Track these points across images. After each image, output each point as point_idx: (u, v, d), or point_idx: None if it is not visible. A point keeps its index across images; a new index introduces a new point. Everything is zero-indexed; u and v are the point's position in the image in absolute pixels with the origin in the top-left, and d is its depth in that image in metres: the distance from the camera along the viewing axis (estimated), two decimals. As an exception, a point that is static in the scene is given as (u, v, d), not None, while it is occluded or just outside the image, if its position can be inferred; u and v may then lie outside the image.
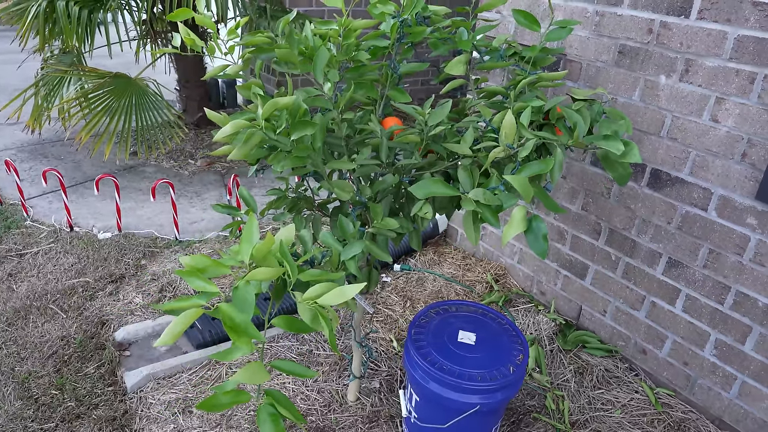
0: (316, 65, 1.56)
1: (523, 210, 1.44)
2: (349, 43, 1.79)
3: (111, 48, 3.66)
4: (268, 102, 1.34)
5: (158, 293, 2.63)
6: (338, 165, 1.53)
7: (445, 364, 1.73)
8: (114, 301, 2.59)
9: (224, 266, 1.29)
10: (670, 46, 1.97)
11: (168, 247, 3.05)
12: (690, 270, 2.08)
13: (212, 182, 3.89)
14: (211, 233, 3.23)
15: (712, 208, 1.98)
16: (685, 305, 2.13)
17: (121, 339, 2.34)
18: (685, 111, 1.98)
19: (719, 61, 1.86)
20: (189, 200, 3.60)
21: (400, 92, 1.89)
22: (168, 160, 4.13)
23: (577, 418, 2.12)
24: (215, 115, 1.59)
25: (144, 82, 3.71)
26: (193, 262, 1.28)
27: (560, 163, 1.55)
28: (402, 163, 1.66)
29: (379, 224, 1.58)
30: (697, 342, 2.12)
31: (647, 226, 2.18)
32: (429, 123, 1.68)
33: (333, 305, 1.28)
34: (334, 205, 1.92)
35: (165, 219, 3.33)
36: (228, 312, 1.19)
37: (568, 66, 2.33)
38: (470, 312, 1.97)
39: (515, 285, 2.82)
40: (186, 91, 4.39)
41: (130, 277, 2.77)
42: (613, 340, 2.42)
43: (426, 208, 1.61)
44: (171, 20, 3.86)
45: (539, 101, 1.71)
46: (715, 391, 2.10)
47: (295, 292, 1.34)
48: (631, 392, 2.23)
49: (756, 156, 1.83)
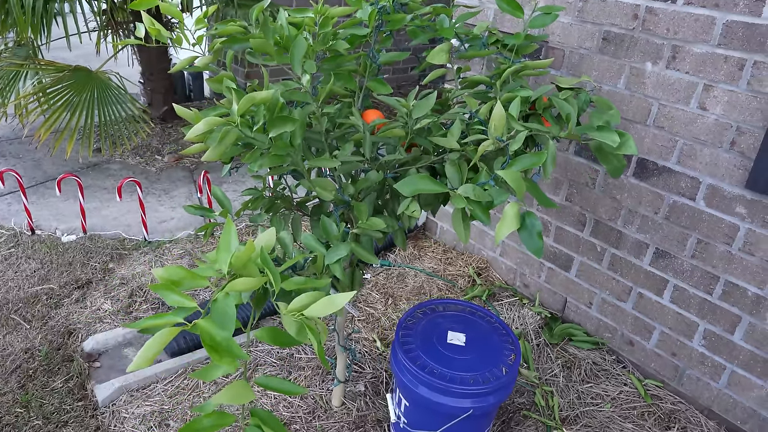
0: (294, 56, 1.44)
1: (516, 206, 1.35)
2: (326, 31, 1.67)
3: (69, 40, 3.43)
4: (244, 97, 1.21)
5: (128, 298, 2.47)
6: (320, 163, 1.42)
7: (436, 367, 1.64)
8: (81, 308, 2.42)
9: (201, 278, 1.16)
10: (656, 32, 1.91)
11: (137, 249, 2.88)
12: (678, 260, 2.04)
13: (181, 179, 3.71)
14: (181, 233, 3.07)
15: (700, 198, 1.93)
16: (673, 296, 2.08)
17: (90, 349, 2.18)
18: (672, 99, 1.92)
19: (707, 47, 1.80)
20: (157, 198, 3.43)
21: (381, 83, 1.78)
22: (134, 156, 3.92)
23: (568, 413, 2.07)
24: (185, 111, 1.46)
25: (106, 75, 3.50)
26: (167, 274, 1.15)
27: (553, 156, 1.47)
28: (386, 159, 1.56)
29: (364, 224, 1.48)
30: (686, 333, 2.08)
31: (634, 216, 2.13)
32: (414, 116, 1.57)
33: (321, 316, 1.17)
34: (314, 203, 1.80)
35: (132, 219, 3.15)
36: (207, 329, 1.07)
37: (550, 53, 2.25)
38: (458, 311, 1.89)
39: (498, 278, 2.75)
40: (150, 84, 4.17)
41: (97, 282, 2.60)
42: (599, 332, 2.37)
43: (413, 206, 1.51)
44: (133, 9, 3.65)
45: (528, 91, 1.63)
46: (704, 381, 2.07)
47: (278, 302, 1.22)
48: (619, 385, 2.18)
49: (745, 144, 1.78)
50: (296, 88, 1.46)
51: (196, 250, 2.89)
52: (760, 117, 1.73)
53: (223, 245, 1.21)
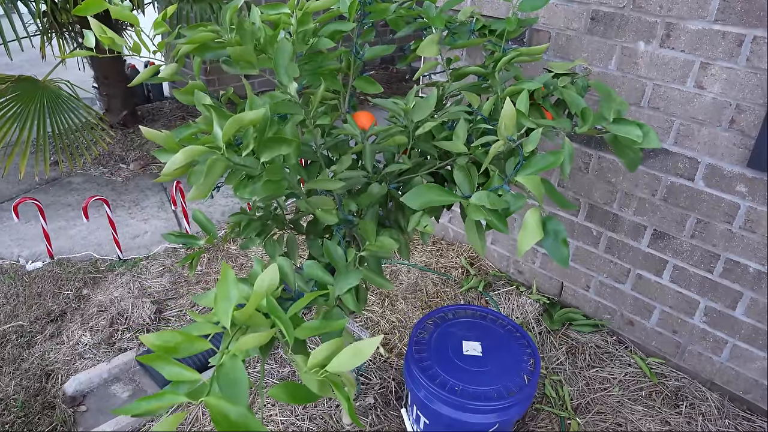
0: (278, 62, 1.22)
1: (537, 213, 1.20)
2: (305, 29, 1.44)
3: (8, 46, 3.04)
4: (231, 119, 0.99)
5: (109, 327, 2.22)
6: (321, 184, 1.21)
7: (457, 384, 1.50)
8: (57, 344, 2.16)
9: (200, 340, 0.96)
10: (648, 9, 1.76)
11: (111, 270, 2.61)
12: (677, 241, 1.94)
13: (151, 187, 3.41)
14: (158, 247, 2.80)
15: (699, 178, 1.82)
16: (673, 275, 2.00)
17: (73, 392, 1.94)
18: (667, 78, 1.79)
19: (703, 23, 1.66)
20: (127, 211, 3.13)
21: (369, 81, 1.58)
22: (96, 167, 3.58)
23: (579, 402, 1.97)
24: (153, 134, 1.22)
25: (55, 84, 3.13)
26: (160, 341, 0.94)
27: (571, 154, 1.31)
28: (389, 170, 1.37)
29: (373, 246, 1.29)
30: (686, 310, 2.00)
31: (630, 199, 2.02)
32: (414, 119, 1.38)
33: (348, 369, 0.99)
34: (308, 219, 1.60)
35: (103, 236, 2.86)
36: (219, 408, 0.87)
37: (534, 36, 2.08)
38: (468, 317, 1.74)
39: (491, 267, 2.62)
40: (106, 89, 3.80)
41: (72, 312, 2.33)
42: (598, 314, 2.28)
43: (425, 220, 1.33)
44: (79, 15, 3.27)
45: (533, 83, 1.45)
46: (705, 356, 2.00)
47: (293, 355, 1.04)
48: (624, 366, 2.10)
49: (745, 122, 1.67)
50: (285, 100, 1.24)
51: (176, 266, 2.64)
52: (760, 94, 1.62)
53: (222, 294, 1.02)
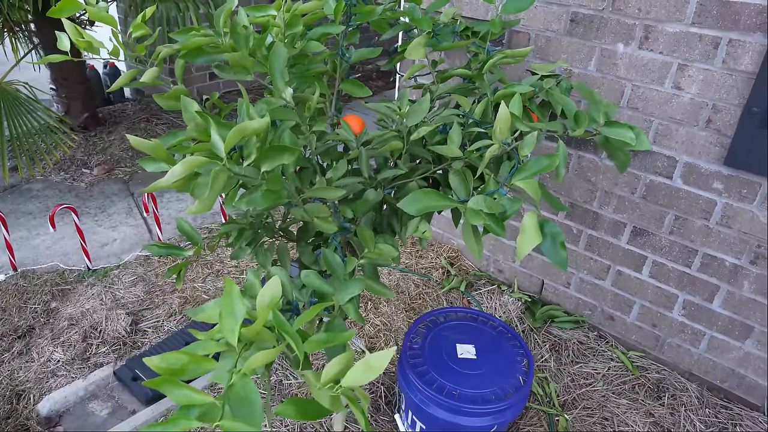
0: (273, 67, 1.17)
1: (534, 216, 1.19)
2: (294, 32, 1.39)
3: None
4: (234, 129, 0.94)
5: (82, 342, 2.11)
6: (322, 193, 1.17)
7: (455, 388, 1.48)
8: (27, 362, 2.03)
9: (207, 360, 0.91)
10: (627, 12, 1.78)
11: (80, 281, 2.48)
12: (656, 237, 1.99)
13: (116, 192, 3.26)
14: (129, 255, 2.68)
15: (677, 176, 1.86)
16: (652, 271, 2.04)
17: (47, 412, 1.83)
18: (645, 79, 1.82)
19: (681, 26, 1.70)
20: (93, 218, 2.98)
21: (357, 85, 1.54)
22: (57, 172, 3.40)
23: (565, 398, 1.99)
24: (141, 142, 1.16)
25: (12, 87, 2.95)
26: (166, 363, 0.89)
27: (565, 156, 1.31)
28: (385, 175, 1.33)
29: (372, 254, 1.26)
30: (665, 304, 2.05)
31: (610, 197, 2.05)
32: (408, 123, 1.36)
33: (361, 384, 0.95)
34: (298, 226, 1.55)
35: (69, 246, 2.72)
36: (234, 431, 0.82)
37: (514, 37, 2.09)
38: (459, 319, 1.73)
39: (471, 266, 2.62)
40: (65, 90, 3.61)
41: (41, 327, 2.20)
42: (579, 310, 2.32)
43: (423, 226, 1.31)
44: (38, 11, 3.08)
45: (524, 86, 1.45)
46: (684, 347, 2.06)
47: (302, 372, 1.00)
48: (607, 361, 2.14)
49: (721, 122, 1.72)
50: (280, 106, 1.19)
51: (150, 274, 2.53)
52: (735, 94, 1.67)
53: (226, 311, 0.97)
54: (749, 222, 1.76)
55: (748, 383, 1.94)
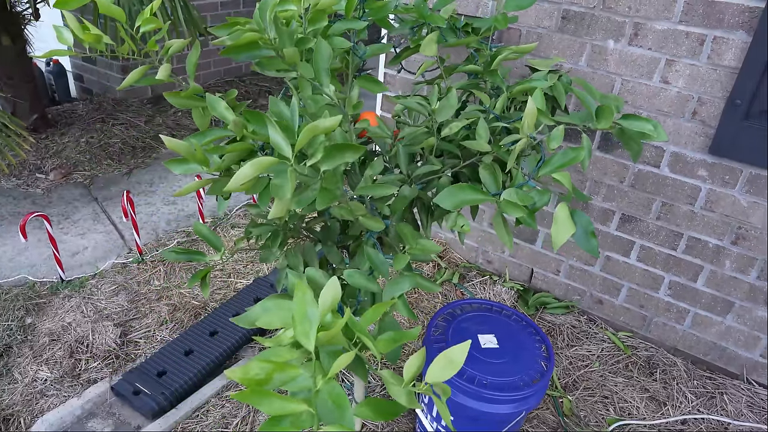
0: (318, 63, 1.14)
1: (566, 207, 1.24)
2: (316, 28, 1.36)
3: None
4: (305, 129, 0.91)
5: (69, 358, 1.97)
6: (373, 191, 1.16)
7: (484, 377, 1.51)
8: (9, 384, 1.87)
9: (292, 367, 0.89)
10: (617, 10, 1.87)
11: (55, 293, 2.31)
12: (644, 223, 2.11)
13: (78, 197, 3.06)
14: (104, 263, 2.52)
15: (664, 165, 1.98)
16: (640, 255, 2.16)
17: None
18: (635, 74, 1.92)
19: (669, 24, 1.80)
20: (58, 226, 2.78)
21: (373, 81, 1.53)
22: (8, 178, 3.14)
23: (566, 381, 2.08)
24: (176, 143, 1.11)
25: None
26: (246, 374, 0.85)
27: (589, 150, 1.36)
28: (421, 171, 1.34)
29: (415, 249, 1.26)
30: (652, 286, 2.18)
31: (599, 186, 2.15)
32: (439, 119, 1.37)
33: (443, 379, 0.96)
34: (320, 224, 1.52)
35: (36, 256, 2.52)
36: (339, 440, 0.81)
37: (506, 34, 2.14)
38: (475, 310, 1.76)
39: (460, 259, 2.67)
40: (11, 90, 3.33)
41: (18, 345, 2.03)
42: (568, 296, 2.42)
43: (461, 220, 1.33)
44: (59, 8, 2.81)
45: (542, 81, 1.49)
46: (669, 325, 2.20)
47: (381, 372, 0.99)
48: (599, 342, 2.25)
49: (706, 113, 1.84)
50: (328, 103, 1.16)
51: (132, 282, 2.39)
52: (719, 88, 1.79)
53: (300, 315, 0.94)
54: (731, 206, 1.90)
55: (729, 354, 2.10)
